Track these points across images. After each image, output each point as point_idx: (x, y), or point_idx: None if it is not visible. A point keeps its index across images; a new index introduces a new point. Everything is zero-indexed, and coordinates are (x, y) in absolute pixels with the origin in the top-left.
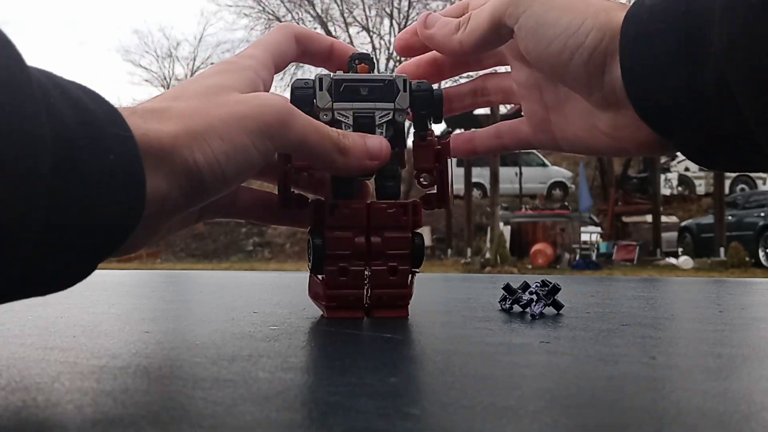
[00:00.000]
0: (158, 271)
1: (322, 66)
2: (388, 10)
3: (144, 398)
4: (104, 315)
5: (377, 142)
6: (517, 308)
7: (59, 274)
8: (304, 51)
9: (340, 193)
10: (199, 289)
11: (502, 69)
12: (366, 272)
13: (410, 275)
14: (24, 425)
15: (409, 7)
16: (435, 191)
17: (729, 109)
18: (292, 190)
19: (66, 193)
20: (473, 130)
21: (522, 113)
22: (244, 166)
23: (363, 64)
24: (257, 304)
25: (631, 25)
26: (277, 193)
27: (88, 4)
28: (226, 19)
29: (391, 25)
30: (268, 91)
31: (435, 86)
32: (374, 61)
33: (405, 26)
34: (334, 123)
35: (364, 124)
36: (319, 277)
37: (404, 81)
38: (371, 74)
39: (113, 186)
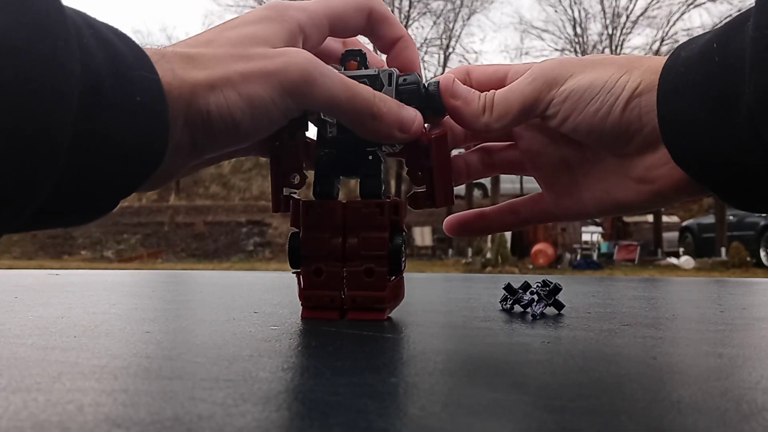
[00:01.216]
0: (159, 271)
1: (383, 53)
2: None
3: (145, 398)
4: (105, 315)
5: (411, 114)
6: (518, 308)
7: (83, 203)
8: (372, 30)
9: (321, 192)
10: (200, 289)
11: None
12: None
13: (393, 276)
14: (25, 425)
15: (410, 8)
16: (424, 189)
17: (763, 155)
18: (285, 193)
19: (94, 124)
20: (482, 209)
21: (538, 183)
22: (261, 120)
23: (352, 61)
24: (258, 304)
25: (668, 77)
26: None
27: (88, 4)
28: (227, 19)
29: None
30: (309, 48)
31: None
32: (366, 56)
33: (406, 26)
34: (320, 122)
35: None
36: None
37: (389, 75)
38: (358, 71)
39: (138, 126)
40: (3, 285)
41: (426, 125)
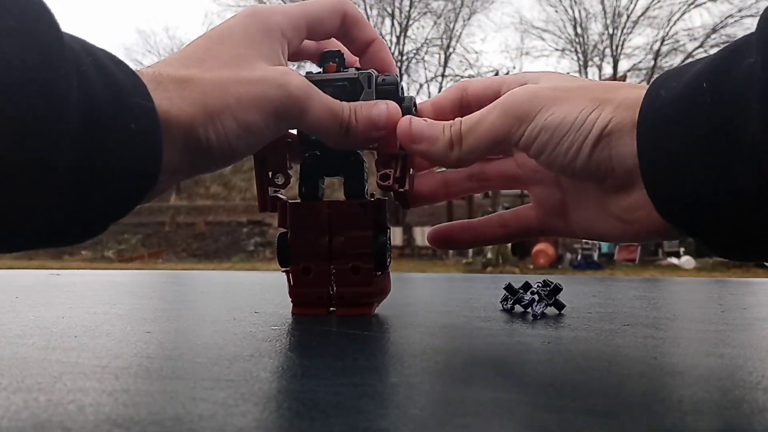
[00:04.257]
0: (160, 271)
1: (356, 56)
2: (389, 9)
3: (146, 398)
4: (106, 315)
5: (382, 109)
6: (518, 308)
7: (75, 226)
8: (346, 32)
9: (306, 193)
10: (201, 289)
11: None
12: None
13: (378, 273)
14: (26, 425)
15: (410, 7)
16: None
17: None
18: (270, 194)
19: (90, 152)
20: (469, 221)
21: (528, 198)
22: (254, 143)
23: (330, 63)
24: (259, 304)
25: (648, 118)
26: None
27: (91, 3)
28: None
29: (393, 24)
30: (291, 52)
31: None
32: (344, 57)
33: (406, 26)
34: None
35: None
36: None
37: (368, 78)
38: (338, 73)
39: (132, 154)
40: (4, 285)
41: None
